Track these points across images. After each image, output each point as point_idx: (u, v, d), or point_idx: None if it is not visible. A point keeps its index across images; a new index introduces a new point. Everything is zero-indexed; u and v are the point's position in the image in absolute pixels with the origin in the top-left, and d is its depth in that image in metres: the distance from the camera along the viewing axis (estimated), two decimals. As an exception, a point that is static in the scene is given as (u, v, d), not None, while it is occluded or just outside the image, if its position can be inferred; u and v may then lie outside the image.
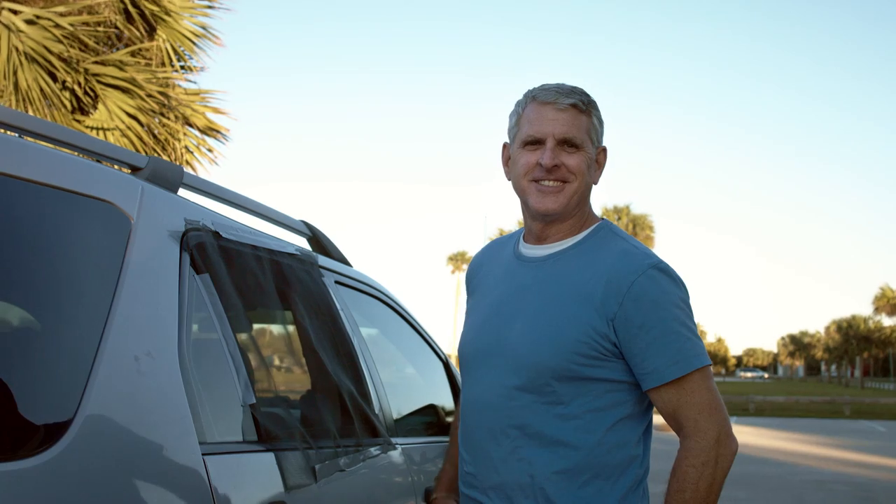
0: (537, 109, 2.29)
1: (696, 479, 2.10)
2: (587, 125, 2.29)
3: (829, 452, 18.35)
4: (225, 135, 9.82)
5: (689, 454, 2.12)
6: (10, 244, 1.79)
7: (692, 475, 2.11)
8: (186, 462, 1.95)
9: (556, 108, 2.26)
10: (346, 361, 2.91)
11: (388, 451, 2.99)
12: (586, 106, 2.29)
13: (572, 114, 2.26)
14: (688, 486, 2.10)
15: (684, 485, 2.11)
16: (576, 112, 2.27)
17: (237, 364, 2.30)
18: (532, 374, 2.19)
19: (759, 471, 14.60)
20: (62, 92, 8.37)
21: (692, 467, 2.11)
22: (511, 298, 2.32)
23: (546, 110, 2.27)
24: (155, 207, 2.19)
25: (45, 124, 2.14)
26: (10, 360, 1.70)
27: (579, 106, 2.27)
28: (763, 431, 24.47)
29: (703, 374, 2.16)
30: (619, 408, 2.20)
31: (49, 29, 7.95)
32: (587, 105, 2.29)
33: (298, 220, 3.36)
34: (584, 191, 2.31)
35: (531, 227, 2.38)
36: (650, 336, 2.13)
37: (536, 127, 2.27)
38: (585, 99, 2.30)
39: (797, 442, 20.95)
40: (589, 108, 2.30)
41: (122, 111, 8.59)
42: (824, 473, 14.45)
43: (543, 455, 2.19)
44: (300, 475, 2.34)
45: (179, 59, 9.70)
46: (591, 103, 2.31)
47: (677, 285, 2.21)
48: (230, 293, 2.36)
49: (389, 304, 3.75)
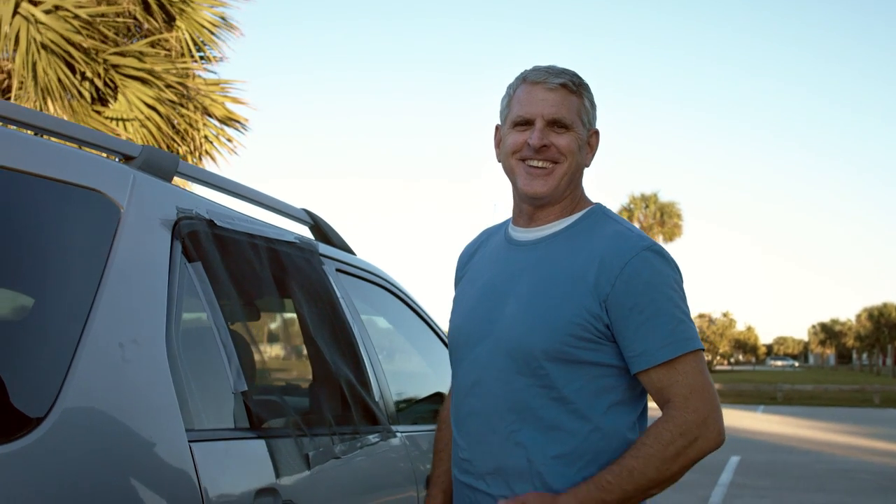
0: (527, 90, 2.26)
1: (667, 442, 2.03)
2: (577, 106, 2.25)
3: (855, 441, 18.21)
4: (244, 124, 9.86)
5: (671, 420, 2.05)
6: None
7: (665, 436, 2.03)
8: (171, 448, 1.96)
9: (545, 87, 2.23)
10: (345, 349, 2.92)
11: (388, 438, 2.99)
12: (577, 87, 2.26)
13: (562, 94, 2.23)
14: (655, 441, 2.04)
15: (652, 439, 2.04)
16: (566, 92, 2.24)
17: (229, 352, 2.31)
18: (525, 357, 2.16)
19: (784, 459, 14.52)
20: (82, 83, 8.43)
21: (668, 431, 2.04)
22: (502, 282, 2.29)
23: (536, 90, 2.24)
24: (146, 196, 2.20)
25: (36, 115, 2.16)
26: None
27: (569, 86, 2.24)
28: (790, 420, 24.31)
29: (696, 358, 2.11)
30: (612, 392, 2.17)
31: (68, 20, 8.01)
32: (578, 86, 2.26)
33: (300, 209, 3.36)
34: (574, 172, 2.27)
35: (522, 209, 2.34)
36: (642, 317, 2.10)
37: (526, 107, 2.24)
38: (576, 80, 2.27)
39: (824, 431, 20.80)
40: (580, 88, 2.27)
41: (141, 102, 8.64)
42: (849, 462, 14.34)
43: (540, 439, 2.17)
44: (292, 462, 2.35)
45: (199, 50, 9.74)
46: (581, 84, 2.28)
47: (671, 267, 2.17)
48: (224, 281, 2.37)
49: (394, 291, 3.73)
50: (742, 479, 11.96)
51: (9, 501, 1.59)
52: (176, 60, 9.17)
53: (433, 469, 2.59)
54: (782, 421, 23.87)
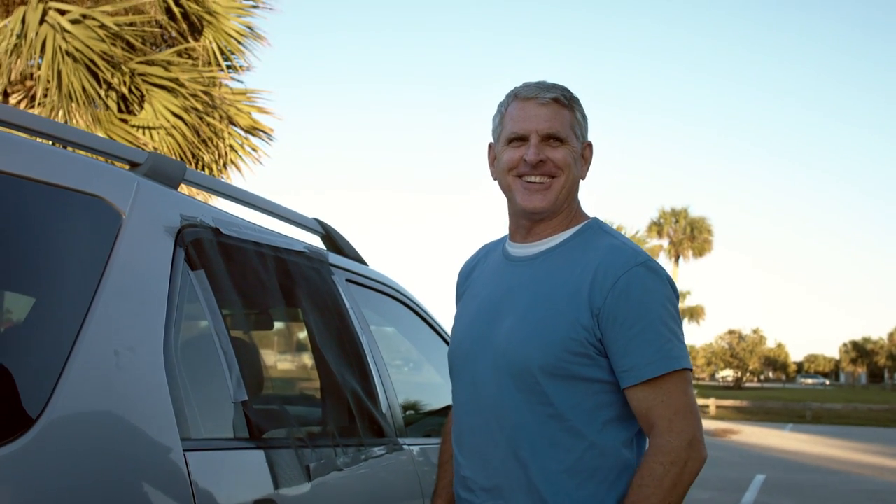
0: (520, 106, 2.29)
1: (662, 476, 2.04)
2: (570, 119, 2.28)
3: (884, 462, 17.94)
4: (269, 134, 9.90)
5: (659, 451, 2.07)
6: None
7: (658, 471, 2.05)
8: (165, 457, 1.95)
9: (538, 103, 2.26)
10: (353, 360, 2.90)
11: (394, 451, 2.97)
12: (568, 101, 2.29)
13: (554, 108, 2.26)
14: (651, 481, 2.05)
15: (647, 479, 2.05)
16: (558, 107, 2.26)
17: (230, 361, 2.29)
18: (522, 373, 2.17)
19: (811, 479, 14.33)
20: (108, 92, 8.50)
21: (659, 464, 2.05)
22: (500, 298, 2.30)
23: (528, 106, 2.27)
24: (150, 203, 2.19)
25: (44, 122, 2.15)
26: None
27: (561, 100, 2.27)
28: (818, 439, 24.03)
29: (682, 378, 2.12)
30: (607, 409, 2.17)
31: (94, 29, 8.07)
32: (569, 100, 2.29)
33: (311, 219, 3.35)
34: (571, 185, 2.29)
35: (519, 224, 2.36)
36: (631, 333, 2.10)
37: (520, 124, 2.27)
38: (567, 94, 2.30)
39: (852, 450, 20.52)
40: (571, 102, 2.29)
41: (167, 110, 8.70)
42: (878, 483, 14.12)
43: (538, 456, 2.17)
44: (291, 473, 2.32)
45: (225, 59, 9.80)
46: (573, 98, 2.31)
47: (664, 284, 2.18)
48: (227, 290, 2.36)
49: (406, 303, 3.71)
50: (766, 499, 11.82)
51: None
52: (202, 70, 9.23)
53: (438, 481, 2.61)
54: (810, 440, 23.60)
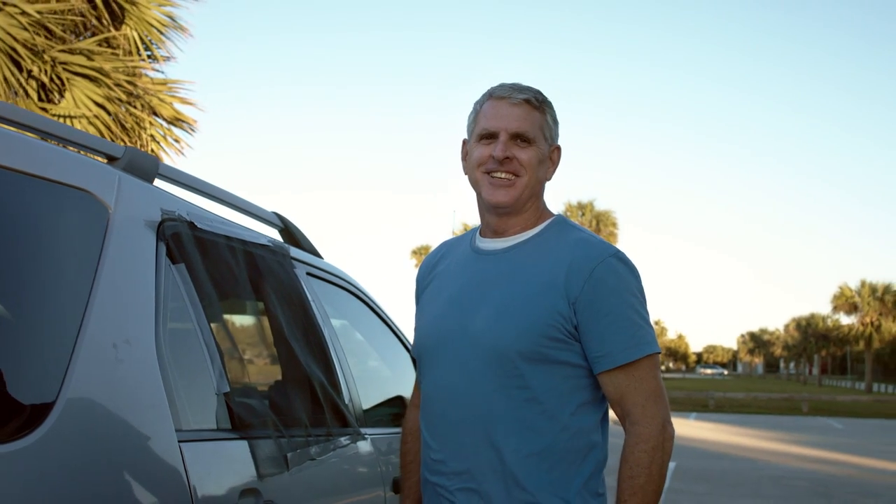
0: (493, 105, 2.38)
1: (649, 463, 2.18)
2: (540, 121, 2.37)
3: (787, 448, 18.61)
4: (191, 125, 9.79)
5: (640, 439, 2.20)
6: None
7: (644, 460, 2.18)
8: (163, 448, 1.98)
9: (510, 102, 2.35)
10: (317, 352, 2.95)
11: (358, 441, 3.03)
12: (540, 103, 2.38)
13: (525, 109, 2.35)
14: (641, 470, 2.18)
15: (638, 469, 2.18)
16: (529, 108, 2.35)
17: (212, 353, 2.33)
18: (500, 358, 2.25)
19: (719, 466, 14.79)
20: (28, 81, 8.29)
21: (644, 452, 2.19)
22: (472, 289, 2.38)
23: (501, 105, 2.36)
24: (132, 197, 2.20)
25: (21, 112, 2.14)
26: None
27: (532, 102, 2.36)
28: (723, 427, 24.76)
29: (652, 362, 2.27)
30: (580, 392, 2.28)
31: (15, 16, 7.87)
32: (541, 102, 2.38)
33: (270, 212, 3.38)
34: (535, 185, 2.38)
35: (488, 222, 2.44)
36: (606, 320, 2.23)
37: (491, 121, 2.35)
38: (540, 97, 2.39)
39: (756, 438, 21.23)
40: (543, 105, 2.39)
41: (89, 100, 8.52)
42: (782, 469, 14.67)
43: (513, 440, 2.25)
44: (273, 463, 2.37)
45: (147, 49, 9.64)
46: (545, 101, 2.40)
47: (633, 275, 2.31)
48: (205, 283, 2.39)
49: (359, 296, 3.78)
50: (679, 485, 12.16)
51: (11, 499, 1.59)
52: (124, 59, 9.07)
53: (404, 481, 2.64)
54: (715, 428, 24.30)
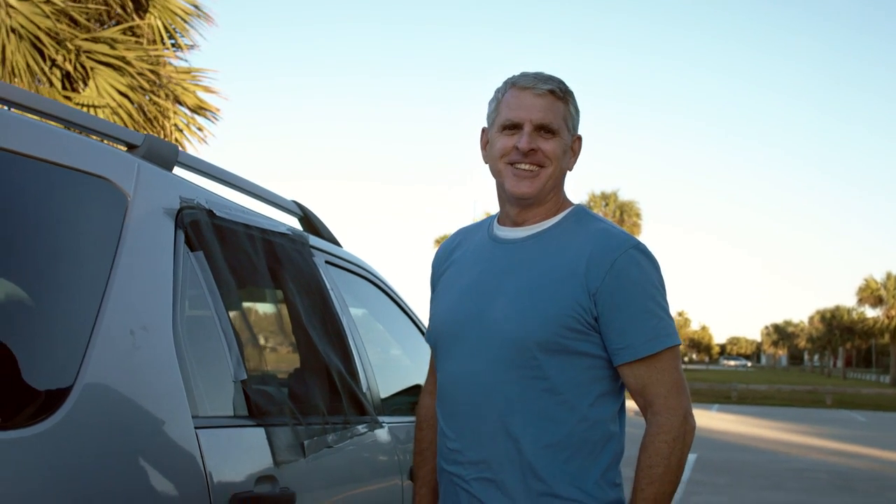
0: (516, 95, 2.35)
1: (668, 454, 2.18)
2: (564, 112, 2.35)
3: (809, 441, 18.52)
4: (215, 114, 9.82)
5: (661, 430, 2.19)
6: (9, 218, 1.82)
7: (664, 450, 2.18)
8: (180, 435, 1.99)
9: (534, 93, 2.32)
10: (335, 340, 2.95)
11: (375, 429, 3.04)
12: (563, 93, 2.35)
13: (550, 100, 2.33)
14: (660, 460, 2.17)
15: (657, 459, 2.18)
16: (553, 98, 2.33)
17: (229, 340, 2.34)
18: (518, 348, 2.24)
19: (740, 458, 14.74)
20: (51, 69, 8.35)
21: (664, 443, 2.18)
22: (490, 277, 2.36)
23: (524, 96, 2.33)
24: (151, 185, 2.22)
25: (40, 100, 2.15)
26: (10, 333, 1.73)
27: (557, 93, 2.34)
28: (745, 419, 24.65)
29: (674, 354, 2.25)
30: (599, 383, 2.27)
31: (39, 5, 7.91)
32: (564, 93, 2.36)
33: (290, 200, 3.39)
34: (558, 176, 2.37)
35: (508, 211, 2.43)
36: (628, 312, 2.22)
37: (515, 112, 2.33)
38: (563, 87, 2.37)
39: (778, 430, 21.12)
40: (566, 95, 2.36)
41: (112, 88, 8.57)
42: (804, 461, 14.59)
43: (531, 429, 2.24)
44: (289, 451, 2.38)
45: (171, 37, 9.68)
46: (568, 91, 2.38)
47: (654, 267, 2.30)
48: (223, 271, 2.40)
49: (378, 284, 3.78)
50: (700, 476, 12.13)
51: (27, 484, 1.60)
52: (148, 48, 9.10)
53: (418, 469, 2.63)
54: (737, 420, 24.20)
